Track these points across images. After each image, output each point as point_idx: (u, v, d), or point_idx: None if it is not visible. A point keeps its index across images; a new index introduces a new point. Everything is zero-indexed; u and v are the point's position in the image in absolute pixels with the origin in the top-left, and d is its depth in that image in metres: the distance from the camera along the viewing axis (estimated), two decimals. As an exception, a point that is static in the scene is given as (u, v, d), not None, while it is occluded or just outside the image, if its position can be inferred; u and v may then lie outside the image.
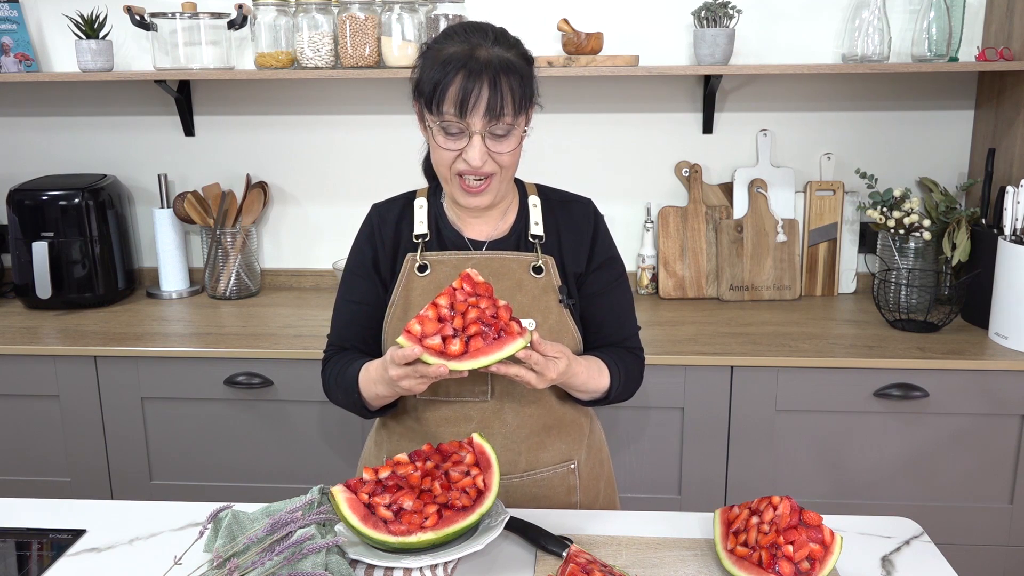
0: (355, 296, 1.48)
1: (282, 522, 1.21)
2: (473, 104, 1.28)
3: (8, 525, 1.35)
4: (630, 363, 1.48)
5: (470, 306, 1.23)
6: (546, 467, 1.47)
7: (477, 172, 1.33)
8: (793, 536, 1.16)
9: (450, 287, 1.25)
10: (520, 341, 1.22)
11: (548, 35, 2.45)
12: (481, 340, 1.21)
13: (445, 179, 1.38)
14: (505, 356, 1.21)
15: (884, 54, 2.34)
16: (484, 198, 1.37)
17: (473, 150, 1.31)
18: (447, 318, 1.23)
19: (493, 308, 1.23)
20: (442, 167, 1.36)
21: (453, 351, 1.21)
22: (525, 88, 1.33)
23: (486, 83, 1.28)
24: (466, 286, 1.24)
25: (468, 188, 1.35)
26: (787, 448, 2.13)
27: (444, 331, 1.21)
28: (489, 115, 1.29)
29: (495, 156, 1.33)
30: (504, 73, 1.30)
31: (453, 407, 1.43)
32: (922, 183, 2.53)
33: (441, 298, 1.23)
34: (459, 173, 1.35)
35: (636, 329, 1.53)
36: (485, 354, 1.21)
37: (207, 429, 2.22)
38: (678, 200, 2.60)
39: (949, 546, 1.47)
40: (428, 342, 1.21)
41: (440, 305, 1.23)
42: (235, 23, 2.40)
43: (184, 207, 2.56)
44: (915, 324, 2.24)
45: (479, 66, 1.29)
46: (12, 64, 2.49)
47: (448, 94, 1.29)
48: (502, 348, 1.21)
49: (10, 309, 2.50)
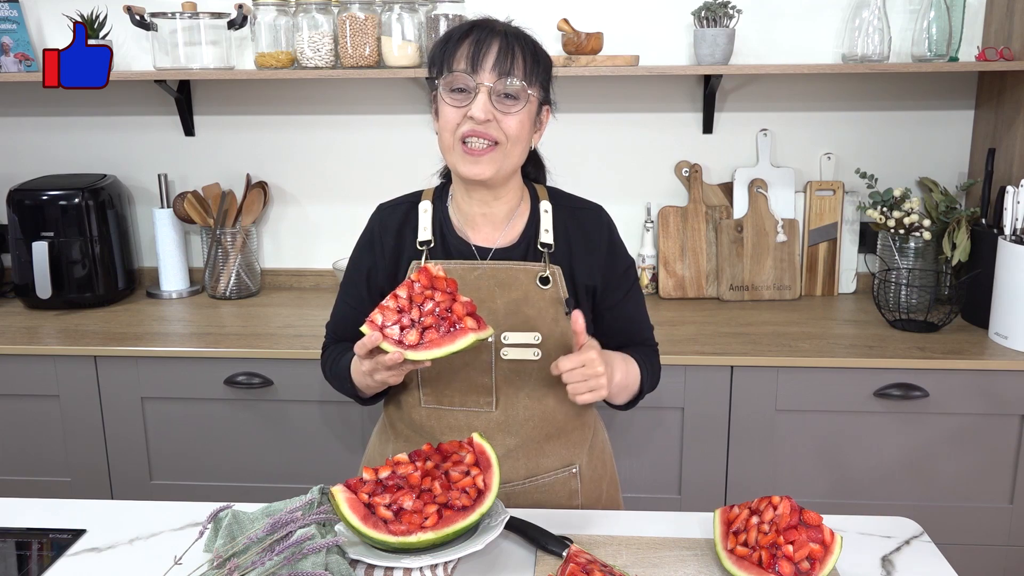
0: (349, 298, 1.52)
1: (282, 522, 1.21)
2: (482, 57, 1.29)
3: (8, 525, 1.35)
4: (651, 356, 1.51)
5: (426, 299, 1.27)
6: (547, 473, 1.46)
7: (481, 132, 1.30)
8: (793, 536, 1.16)
9: (408, 279, 1.29)
10: (471, 336, 1.25)
11: (548, 35, 2.44)
12: (435, 332, 1.26)
13: (448, 147, 1.35)
14: (456, 350, 1.25)
15: (884, 54, 2.34)
16: (485, 167, 1.33)
17: (478, 102, 1.30)
18: (406, 308, 1.27)
19: (449, 302, 1.27)
20: (446, 132, 1.34)
21: (409, 340, 1.25)
22: (537, 64, 1.33)
23: (496, 40, 1.30)
24: (423, 279, 1.28)
25: (469, 151, 1.32)
26: (787, 448, 2.13)
27: (401, 321, 1.26)
28: (498, 69, 1.29)
29: (501, 120, 1.31)
30: (516, 38, 1.32)
31: (457, 416, 1.42)
32: (922, 183, 2.53)
33: (400, 290, 1.28)
34: (463, 138, 1.32)
35: (651, 327, 1.55)
36: (438, 346, 1.25)
37: (207, 429, 2.22)
38: (678, 200, 2.60)
39: (949, 546, 1.47)
40: (387, 331, 1.26)
41: (399, 296, 1.27)
42: (235, 23, 2.40)
43: (184, 207, 2.56)
44: (915, 324, 2.24)
45: (490, 28, 1.32)
46: (12, 64, 2.49)
47: (459, 51, 1.31)
48: (454, 341, 1.25)
49: (10, 309, 2.50)
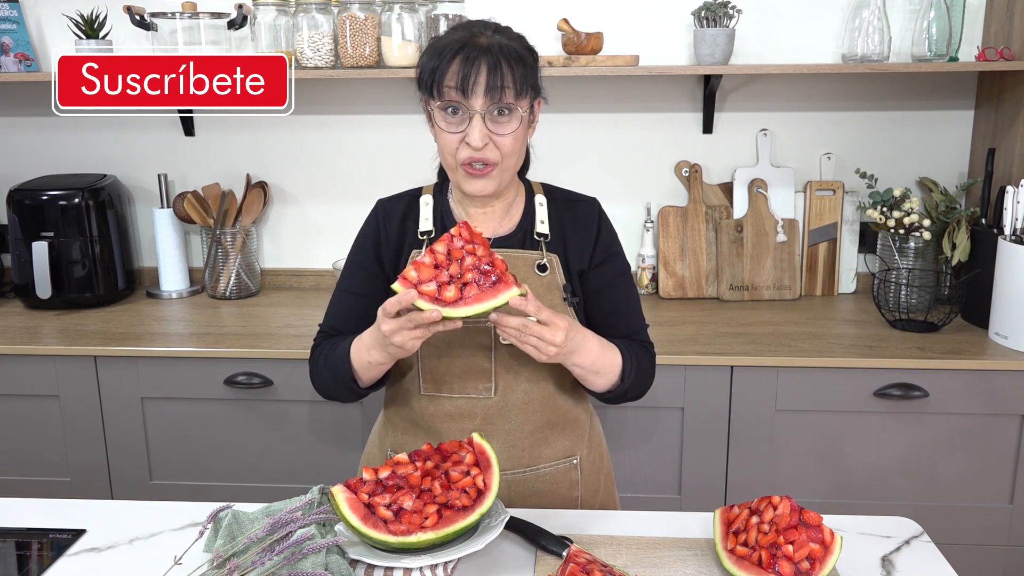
0: (354, 287, 1.49)
1: (282, 522, 1.21)
2: (473, 82, 1.29)
3: (8, 525, 1.35)
4: (640, 352, 1.47)
5: (466, 253, 1.22)
6: (548, 463, 1.47)
7: (480, 157, 1.34)
8: (793, 536, 1.16)
9: (447, 234, 1.24)
10: (515, 289, 1.21)
11: (548, 35, 2.45)
12: (476, 288, 1.21)
13: (451, 168, 1.39)
14: (499, 304, 1.20)
15: (884, 54, 2.34)
16: (487, 183, 1.37)
17: (474, 130, 1.31)
18: (443, 264, 1.22)
19: (489, 257, 1.23)
20: (447, 155, 1.37)
21: (448, 297, 1.20)
22: (527, 72, 1.34)
23: (485, 64, 1.30)
24: (464, 232, 1.24)
25: (471, 171, 1.35)
26: (787, 448, 2.13)
27: (440, 277, 1.21)
28: (489, 95, 1.30)
29: (496, 139, 1.33)
30: (504, 56, 1.31)
31: (456, 403, 1.43)
32: (922, 183, 2.53)
33: (438, 245, 1.23)
34: (463, 162, 1.35)
35: (644, 325, 1.53)
36: (479, 301, 1.21)
37: (207, 429, 2.22)
38: (678, 200, 2.60)
39: (949, 546, 1.46)
40: (423, 288, 1.21)
41: (437, 252, 1.23)
42: (235, 23, 2.40)
43: (184, 207, 2.57)
44: (915, 324, 2.24)
45: (478, 49, 1.31)
46: (12, 64, 2.49)
47: (448, 74, 1.31)
48: (496, 296, 1.21)
49: (10, 309, 2.50)
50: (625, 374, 1.42)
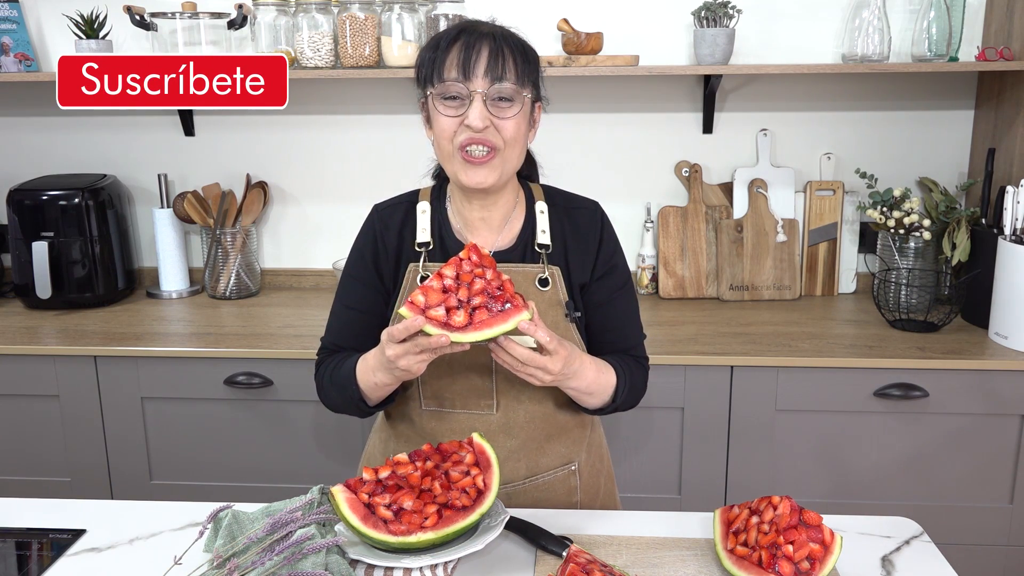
0: (352, 302, 1.45)
1: (282, 522, 1.21)
2: (474, 62, 1.28)
3: (8, 525, 1.35)
4: (634, 369, 1.45)
5: (476, 277, 1.20)
6: (547, 471, 1.46)
7: (480, 140, 1.29)
8: (793, 536, 1.16)
9: (456, 257, 1.22)
10: (525, 313, 1.19)
11: (548, 35, 2.45)
12: (486, 312, 1.19)
13: (448, 156, 1.34)
14: (508, 329, 1.18)
15: (884, 54, 2.34)
16: (487, 173, 1.32)
17: (474, 111, 1.28)
18: (452, 289, 1.19)
19: (498, 280, 1.21)
20: (443, 141, 1.32)
21: (458, 323, 1.18)
22: (528, 66, 1.32)
23: (486, 46, 1.29)
24: (473, 256, 1.21)
25: (470, 159, 1.31)
26: (787, 448, 2.13)
27: (448, 302, 1.19)
28: (490, 75, 1.28)
29: (497, 123, 1.30)
30: (505, 40, 1.30)
31: (459, 418, 1.42)
32: (922, 183, 2.53)
33: (446, 268, 1.21)
34: (461, 146, 1.31)
35: (641, 338, 1.50)
36: (489, 326, 1.18)
37: (207, 429, 2.22)
38: (678, 200, 2.60)
39: (949, 546, 1.46)
40: (431, 313, 1.18)
41: (445, 275, 1.20)
42: (235, 23, 2.40)
43: (184, 207, 2.57)
44: (915, 324, 2.24)
45: (479, 34, 1.30)
46: (12, 64, 2.49)
47: (448, 59, 1.29)
48: (506, 320, 1.18)
49: (10, 309, 2.50)
50: (618, 394, 1.41)
